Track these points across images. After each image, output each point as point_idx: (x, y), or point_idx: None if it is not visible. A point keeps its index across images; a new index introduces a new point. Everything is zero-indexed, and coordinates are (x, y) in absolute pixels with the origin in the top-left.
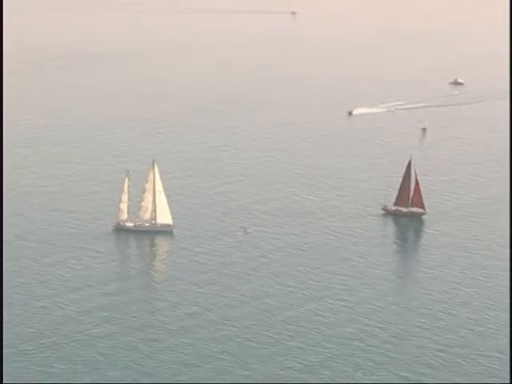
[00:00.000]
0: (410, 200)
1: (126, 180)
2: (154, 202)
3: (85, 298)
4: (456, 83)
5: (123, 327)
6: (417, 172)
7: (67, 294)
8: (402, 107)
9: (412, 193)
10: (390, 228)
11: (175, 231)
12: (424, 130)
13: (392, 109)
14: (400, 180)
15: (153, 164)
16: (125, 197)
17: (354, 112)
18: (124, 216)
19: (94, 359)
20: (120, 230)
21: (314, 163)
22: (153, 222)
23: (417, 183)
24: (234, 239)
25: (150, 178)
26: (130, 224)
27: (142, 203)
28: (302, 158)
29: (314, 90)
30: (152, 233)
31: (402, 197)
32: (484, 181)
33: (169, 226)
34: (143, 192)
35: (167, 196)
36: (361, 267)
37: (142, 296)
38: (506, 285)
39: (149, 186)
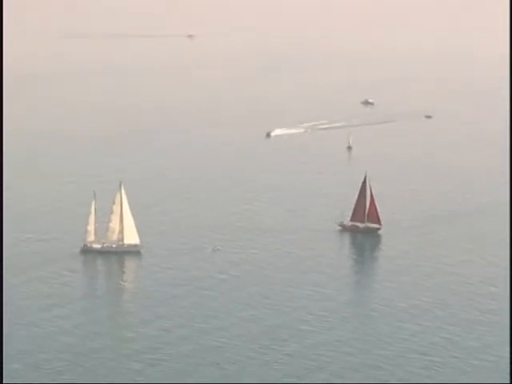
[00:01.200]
0: (366, 215)
1: (93, 202)
2: (121, 222)
3: (53, 318)
4: (367, 103)
5: (89, 348)
6: (372, 188)
7: (36, 314)
8: (321, 127)
9: (368, 208)
10: (347, 243)
11: (143, 251)
12: (349, 147)
13: (309, 129)
14: (355, 196)
15: (119, 186)
16: (92, 218)
17: (273, 133)
18: (91, 237)
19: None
20: (87, 251)
21: (259, 181)
22: (120, 242)
23: (372, 199)
24: (200, 257)
25: (117, 199)
26: (97, 245)
27: (110, 224)
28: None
29: (226, 112)
30: (119, 253)
31: (358, 212)
32: (424, 194)
33: (136, 246)
34: (110, 213)
35: (134, 216)
36: (320, 280)
37: (110, 315)
38: (465, 292)
39: (116, 207)
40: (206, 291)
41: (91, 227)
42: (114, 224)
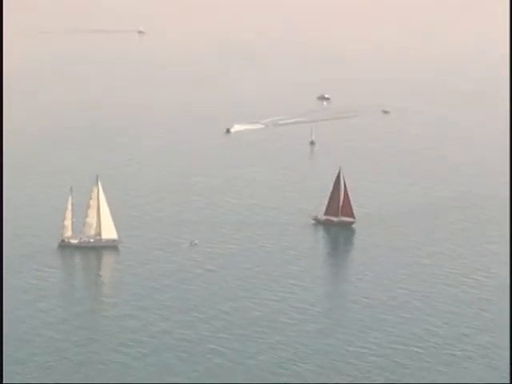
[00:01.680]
0: (340, 209)
1: (70, 197)
2: (98, 217)
3: (34, 313)
4: (323, 98)
5: (69, 343)
6: (346, 182)
7: (16, 310)
8: (280, 122)
9: (342, 202)
10: (321, 237)
11: (120, 246)
12: (312, 143)
13: (269, 125)
14: (325, 190)
15: (96, 180)
16: (69, 214)
17: (232, 129)
18: (68, 233)
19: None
20: (65, 246)
21: (227, 177)
22: (98, 237)
23: (346, 193)
24: (178, 251)
25: (94, 194)
26: (74, 241)
27: (87, 219)
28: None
29: (185, 110)
30: (97, 248)
31: (333, 206)
32: (394, 187)
33: (114, 240)
34: (87, 208)
35: (112, 211)
36: (297, 273)
37: (91, 309)
38: (438, 282)
39: (93, 202)
40: (185, 285)
41: (68, 222)
42: (91, 219)
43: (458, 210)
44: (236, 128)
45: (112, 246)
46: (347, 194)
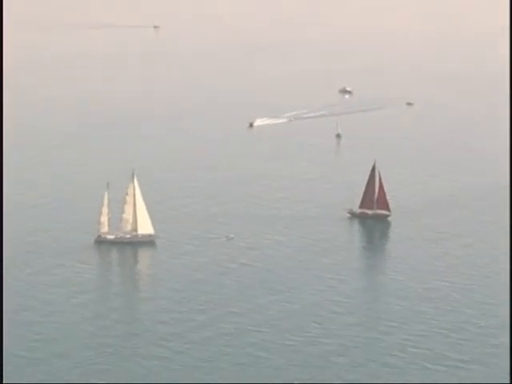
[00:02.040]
0: (376, 202)
1: (106, 193)
2: (134, 213)
3: (69, 309)
4: (344, 91)
5: (108, 338)
6: (381, 175)
7: (54, 304)
8: (303, 116)
9: (377, 195)
10: (356, 230)
11: (157, 241)
12: (338, 136)
13: (291, 119)
14: (358, 183)
15: (132, 176)
16: (105, 209)
17: (255, 123)
18: (105, 228)
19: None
20: (101, 242)
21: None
22: (134, 233)
23: (381, 186)
24: (215, 246)
25: (130, 190)
26: (111, 236)
27: (123, 215)
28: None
29: (206, 104)
30: (134, 244)
31: (367, 199)
32: (430, 179)
33: (150, 236)
34: (124, 204)
35: (148, 206)
36: (332, 266)
37: (128, 304)
38: (481, 277)
39: (129, 198)
40: (221, 279)
41: (105, 218)
42: (128, 214)
43: (497, 202)
44: (259, 122)
45: (148, 241)
46: (382, 187)
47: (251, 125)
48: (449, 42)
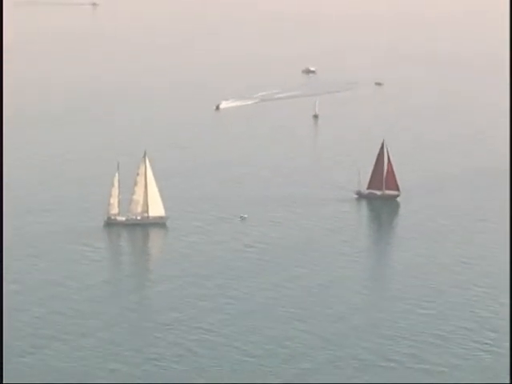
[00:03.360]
0: (384, 183)
1: (117, 174)
2: (145, 194)
3: (80, 293)
4: (308, 71)
5: (117, 321)
6: (390, 155)
7: (63, 290)
8: (271, 97)
9: (385, 175)
10: (363, 212)
11: (168, 223)
12: (316, 116)
13: (258, 100)
14: (359, 163)
15: (144, 156)
16: (115, 191)
17: (222, 106)
18: (115, 210)
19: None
20: (112, 224)
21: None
22: (145, 214)
23: (390, 166)
24: (228, 227)
25: (141, 170)
26: (121, 218)
27: (133, 196)
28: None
29: (170, 85)
30: (145, 225)
31: (376, 180)
32: (429, 158)
33: (162, 217)
34: (134, 185)
35: (159, 187)
36: (335, 250)
37: (136, 287)
38: (491, 261)
39: (140, 178)
40: (235, 259)
41: (115, 200)
42: (138, 196)
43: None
44: (225, 104)
45: (160, 223)
46: (391, 167)
47: (218, 107)
48: (418, 24)
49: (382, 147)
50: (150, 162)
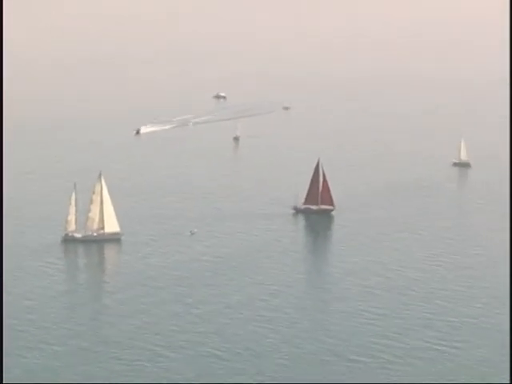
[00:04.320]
0: (320, 198)
1: (73, 193)
2: (101, 212)
3: (37, 306)
4: (219, 96)
5: (74, 333)
6: (325, 172)
7: (18, 303)
8: (188, 122)
9: (321, 191)
10: (301, 225)
11: (123, 238)
12: (236, 138)
13: (177, 124)
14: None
15: (99, 176)
16: (72, 209)
17: (142, 130)
18: (72, 227)
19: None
20: (69, 240)
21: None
22: (101, 231)
23: (325, 182)
24: (178, 241)
25: (97, 189)
26: (78, 235)
27: (90, 214)
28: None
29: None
30: (101, 241)
31: (312, 195)
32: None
33: (117, 233)
34: (90, 203)
35: (114, 205)
36: (277, 260)
37: (93, 301)
38: (417, 265)
39: (95, 197)
40: (186, 270)
41: (72, 217)
42: (94, 214)
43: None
44: (144, 129)
45: (115, 239)
46: (326, 183)
47: (138, 132)
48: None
49: (317, 165)
50: (103, 181)
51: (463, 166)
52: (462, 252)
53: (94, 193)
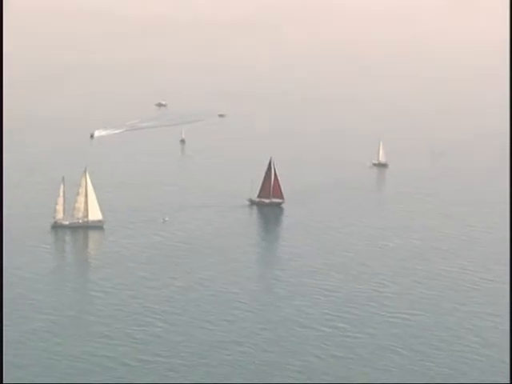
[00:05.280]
0: (272, 192)
1: (62, 185)
2: (86, 202)
3: (29, 281)
4: (160, 105)
5: (62, 316)
6: (276, 168)
7: (12, 280)
8: (137, 127)
9: (272, 186)
10: (255, 215)
11: (105, 226)
12: (183, 141)
13: (127, 129)
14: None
15: (85, 171)
16: (60, 200)
17: (96, 134)
18: (60, 215)
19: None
20: (57, 227)
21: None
22: (85, 219)
23: (276, 178)
24: (154, 228)
25: (83, 182)
26: (65, 222)
27: (76, 204)
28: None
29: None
30: (85, 228)
31: (265, 190)
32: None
33: (100, 221)
34: (76, 195)
35: (97, 196)
36: (236, 243)
37: (79, 277)
38: (362, 254)
39: (81, 189)
40: (157, 252)
41: (60, 207)
42: (80, 204)
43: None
44: (98, 133)
45: (98, 226)
46: (277, 179)
47: (92, 135)
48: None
49: (269, 163)
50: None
51: (381, 166)
52: (386, 237)
53: (80, 185)
